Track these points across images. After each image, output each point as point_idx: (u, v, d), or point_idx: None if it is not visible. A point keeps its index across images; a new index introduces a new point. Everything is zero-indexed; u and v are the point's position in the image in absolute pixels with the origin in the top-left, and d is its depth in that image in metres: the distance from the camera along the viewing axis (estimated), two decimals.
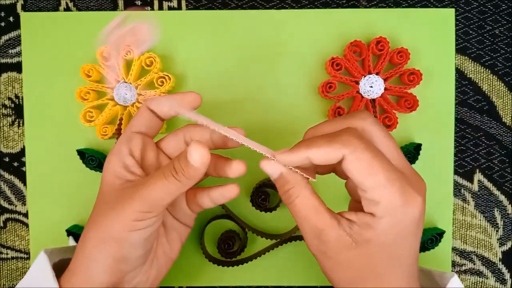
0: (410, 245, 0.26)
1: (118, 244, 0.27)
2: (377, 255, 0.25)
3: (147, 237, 0.28)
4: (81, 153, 0.37)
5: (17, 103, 0.39)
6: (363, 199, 0.26)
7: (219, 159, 0.30)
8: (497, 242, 0.39)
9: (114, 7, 0.39)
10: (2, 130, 0.39)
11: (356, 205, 0.29)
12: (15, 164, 0.39)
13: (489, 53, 0.39)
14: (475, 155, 0.39)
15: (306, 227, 0.26)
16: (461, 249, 0.39)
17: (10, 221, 0.39)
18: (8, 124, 0.39)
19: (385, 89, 0.37)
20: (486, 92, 0.39)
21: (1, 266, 0.40)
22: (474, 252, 0.39)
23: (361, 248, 0.25)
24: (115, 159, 0.29)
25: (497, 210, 0.39)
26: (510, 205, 0.39)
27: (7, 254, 0.39)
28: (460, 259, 0.39)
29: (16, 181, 0.39)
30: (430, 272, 0.32)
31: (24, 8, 0.39)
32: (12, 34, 0.39)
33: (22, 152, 0.39)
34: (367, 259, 0.25)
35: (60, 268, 0.30)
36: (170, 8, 0.39)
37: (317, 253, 0.27)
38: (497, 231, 0.39)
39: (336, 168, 0.29)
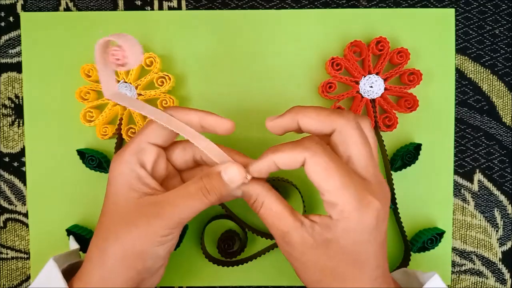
0: (369, 249, 0.26)
1: (143, 259, 0.28)
2: (337, 256, 0.26)
3: (170, 248, 0.29)
4: (81, 153, 0.37)
5: (17, 103, 0.39)
6: (323, 202, 0.27)
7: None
8: (497, 242, 0.39)
9: (114, 7, 0.39)
10: (2, 130, 0.39)
11: None
12: (15, 164, 0.39)
13: (489, 53, 0.39)
14: (475, 155, 0.39)
15: (274, 231, 0.28)
16: (461, 249, 0.39)
17: (10, 221, 0.39)
18: (8, 124, 0.39)
19: (385, 89, 0.37)
20: (486, 92, 0.39)
21: (1, 266, 0.40)
22: (474, 252, 0.39)
23: (322, 249, 0.26)
24: (127, 170, 0.28)
25: (497, 210, 0.39)
26: (510, 205, 0.39)
27: (7, 254, 0.39)
28: (460, 259, 0.39)
29: (16, 181, 0.39)
30: (414, 273, 0.32)
31: (24, 8, 0.39)
32: (12, 34, 0.39)
33: (22, 152, 0.39)
34: (328, 260, 0.26)
35: (65, 272, 0.30)
36: (170, 8, 0.39)
37: (286, 255, 0.28)
38: (497, 231, 0.39)
39: None
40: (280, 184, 0.37)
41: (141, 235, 0.27)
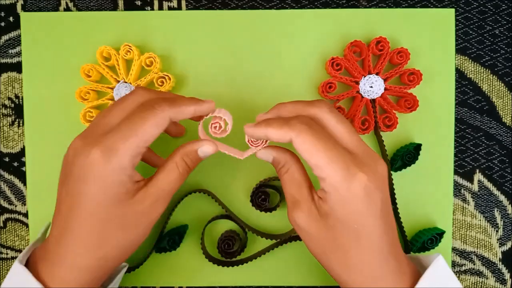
0: (365, 220, 0.28)
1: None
2: (336, 227, 0.28)
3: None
4: None
5: (17, 103, 0.39)
6: (317, 177, 0.28)
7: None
8: (497, 242, 0.39)
9: (114, 7, 0.39)
10: (2, 130, 0.39)
11: None
12: (15, 164, 0.39)
13: (489, 53, 0.39)
14: (475, 155, 0.39)
15: (288, 196, 0.31)
16: (461, 249, 0.39)
17: (10, 221, 0.39)
18: (8, 124, 0.39)
19: (385, 89, 0.37)
20: (486, 92, 0.39)
21: (1, 266, 0.40)
22: (474, 252, 0.39)
23: (323, 221, 0.28)
24: (124, 177, 0.27)
25: (497, 210, 0.39)
26: (510, 205, 0.39)
27: (7, 254, 0.39)
28: (460, 259, 0.39)
29: (16, 181, 0.39)
30: (417, 257, 0.33)
31: (24, 8, 0.39)
32: (12, 34, 0.39)
33: (22, 152, 0.39)
34: (329, 232, 0.28)
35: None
36: (170, 8, 0.39)
37: (294, 224, 0.30)
38: (497, 231, 0.39)
39: None
40: (277, 183, 0.37)
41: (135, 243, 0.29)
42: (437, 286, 0.29)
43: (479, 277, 0.39)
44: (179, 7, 0.39)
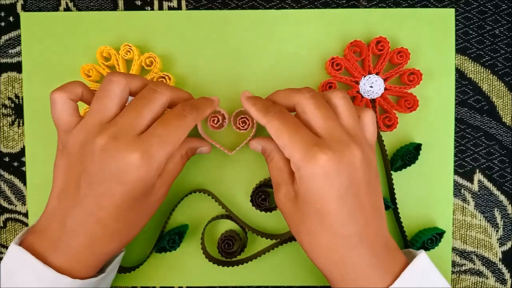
0: (326, 200, 0.28)
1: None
2: (303, 208, 0.30)
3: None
4: None
5: (17, 103, 0.39)
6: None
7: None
8: (497, 242, 0.39)
9: (114, 7, 0.39)
10: (2, 130, 0.39)
11: None
12: (15, 164, 0.39)
13: (489, 53, 0.39)
14: (475, 155, 0.39)
15: (273, 181, 0.33)
16: (461, 249, 0.39)
17: (10, 221, 0.39)
18: (8, 124, 0.39)
19: (385, 89, 0.37)
20: (486, 92, 0.39)
21: None
22: (474, 252, 0.39)
23: (296, 202, 0.30)
24: (157, 175, 0.30)
25: (497, 210, 0.39)
26: (510, 205, 0.39)
27: None
28: (460, 259, 0.39)
29: (16, 181, 0.39)
30: (409, 252, 0.33)
31: (24, 8, 0.39)
32: (12, 34, 0.39)
33: (22, 152, 0.39)
34: (299, 212, 0.30)
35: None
36: (170, 8, 0.39)
37: (277, 206, 0.33)
38: (497, 231, 0.39)
39: None
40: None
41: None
42: (416, 286, 0.29)
43: (479, 277, 0.39)
44: (179, 7, 0.39)
